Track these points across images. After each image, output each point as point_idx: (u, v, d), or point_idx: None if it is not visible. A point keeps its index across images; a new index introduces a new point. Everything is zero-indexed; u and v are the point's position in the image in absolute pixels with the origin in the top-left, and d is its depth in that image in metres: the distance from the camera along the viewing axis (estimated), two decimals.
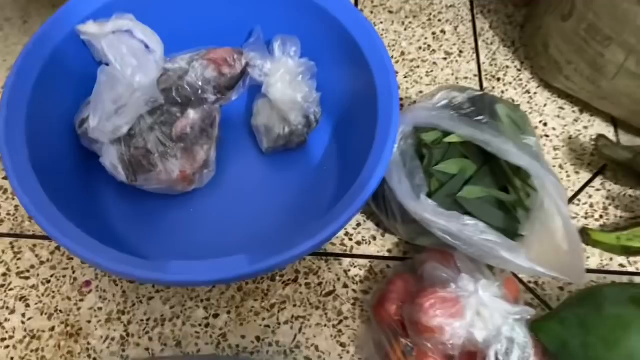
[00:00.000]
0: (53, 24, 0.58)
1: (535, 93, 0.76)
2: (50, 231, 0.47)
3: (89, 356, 0.57)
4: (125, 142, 0.60)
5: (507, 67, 0.78)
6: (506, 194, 0.54)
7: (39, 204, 0.48)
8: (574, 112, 0.74)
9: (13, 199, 0.66)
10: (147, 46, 0.60)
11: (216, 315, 0.60)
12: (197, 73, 0.63)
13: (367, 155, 0.53)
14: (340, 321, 0.60)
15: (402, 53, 0.79)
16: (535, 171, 0.50)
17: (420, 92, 0.76)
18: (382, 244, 0.65)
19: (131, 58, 0.57)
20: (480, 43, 0.80)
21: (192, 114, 0.63)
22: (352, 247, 0.64)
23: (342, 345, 0.59)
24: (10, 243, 0.63)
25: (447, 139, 0.53)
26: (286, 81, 0.65)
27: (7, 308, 0.59)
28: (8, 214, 0.65)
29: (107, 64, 0.59)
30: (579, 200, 0.68)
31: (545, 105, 0.75)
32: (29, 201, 0.48)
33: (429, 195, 0.53)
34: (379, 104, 0.55)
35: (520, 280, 0.63)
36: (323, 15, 0.62)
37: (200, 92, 0.63)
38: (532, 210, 0.53)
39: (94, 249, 0.46)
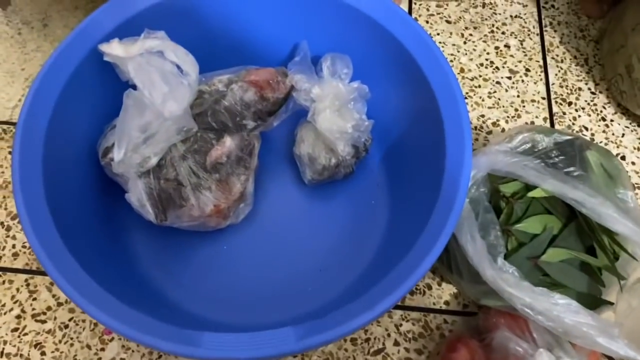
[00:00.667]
0: (73, 42, 0.51)
1: (611, 120, 0.67)
2: (68, 292, 0.41)
3: None
4: (154, 174, 0.53)
5: (580, 89, 0.69)
6: (594, 258, 0.46)
7: (53, 253, 0.42)
8: None
9: None
10: (179, 68, 0.53)
11: None
12: (236, 97, 0.56)
13: (433, 202, 0.45)
14: None
15: (462, 70, 0.70)
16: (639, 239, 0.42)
17: (482, 116, 0.67)
18: (438, 295, 0.57)
19: (162, 84, 0.50)
20: (549, 60, 0.71)
21: (229, 142, 0.56)
22: (404, 298, 0.57)
23: None
24: (26, 280, 0.57)
25: (532, 194, 0.46)
26: (335, 107, 0.57)
27: (21, 356, 0.54)
28: (23, 247, 0.59)
29: (133, 87, 0.52)
30: None
31: (623, 135, 0.66)
32: (42, 250, 0.42)
33: (506, 256, 0.45)
34: (446, 139, 0.48)
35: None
36: (378, 30, 0.55)
37: (238, 117, 0.56)
38: (627, 282, 0.45)
39: (116, 312, 0.40)
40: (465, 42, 0.73)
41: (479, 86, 0.70)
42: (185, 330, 0.41)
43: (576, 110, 0.68)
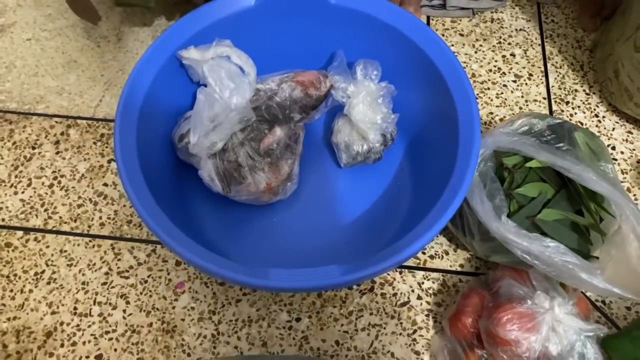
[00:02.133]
0: (157, 49, 0.62)
1: (603, 117, 0.78)
2: (171, 244, 0.51)
3: (184, 351, 0.62)
4: (220, 156, 0.65)
5: (576, 90, 0.81)
6: (582, 217, 0.57)
7: (155, 217, 0.53)
8: None
9: (112, 204, 0.72)
10: (242, 70, 0.65)
11: (298, 319, 0.64)
12: (286, 94, 0.68)
13: (449, 175, 0.56)
14: (415, 330, 0.64)
15: (473, 75, 0.82)
16: (615, 198, 0.53)
17: (491, 113, 0.79)
18: (454, 259, 0.68)
19: (229, 81, 0.63)
20: (549, 66, 0.83)
21: (279, 131, 0.68)
22: (425, 261, 0.68)
23: (417, 353, 0.63)
24: (111, 245, 0.69)
25: (529, 164, 0.57)
26: (367, 103, 0.69)
27: (110, 304, 0.65)
28: (108, 218, 0.71)
29: (205, 85, 0.64)
30: None
31: (613, 129, 0.77)
32: (147, 215, 0.52)
33: (509, 216, 0.56)
34: (460, 128, 0.58)
35: (589, 300, 0.65)
36: (403, 40, 0.66)
37: (287, 111, 0.68)
38: (608, 234, 0.56)
39: (207, 257, 0.51)
40: (476, 52, 0.85)
41: (488, 88, 0.81)
42: (255, 268, 0.52)
43: (573, 109, 0.79)
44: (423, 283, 0.67)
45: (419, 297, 0.66)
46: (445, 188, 0.55)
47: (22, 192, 0.73)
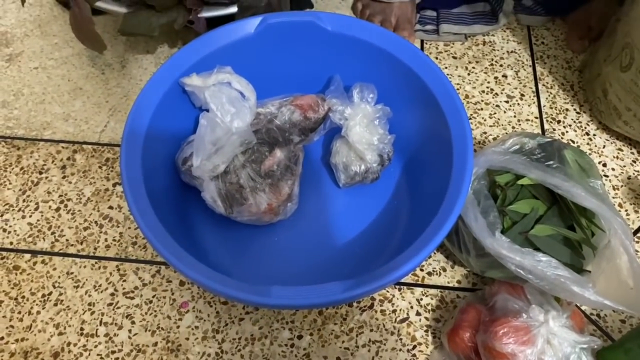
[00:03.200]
0: (160, 76, 0.65)
1: (594, 135, 0.81)
2: (177, 264, 0.53)
3: None
4: (222, 178, 0.67)
5: (567, 109, 0.83)
6: (573, 232, 0.59)
7: (160, 238, 0.54)
8: (632, 153, 0.79)
9: (117, 227, 0.74)
10: (242, 95, 0.67)
11: (300, 337, 0.66)
12: (285, 117, 0.70)
13: (443, 193, 0.58)
14: (414, 346, 0.65)
15: (466, 96, 0.85)
16: (603, 213, 0.55)
17: (484, 132, 0.81)
18: (451, 275, 0.70)
19: (230, 106, 0.65)
20: (540, 87, 0.86)
21: (279, 153, 0.70)
22: (423, 278, 0.70)
23: None
24: (117, 266, 0.71)
25: (520, 182, 0.59)
26: (364, 124, 0.71)
27: (116, 324, 0.67)
28: (114, 240, 0.73)
29: (207, 110, 0.66)
30: (639, 237, 0.72)
31: (604, 146, 0.79)
32: (153, 237, 0.54)
33: (502, 232, 0.58)
34: (453, 147, 0.60)
35: (584, 313, 0.67)
36: (397, 64, 0.69)
37: (287, 134, 0.70)
38: (598, 249, 0.58)
39: (211, 276, 0.53)
40: (469, 74, 0.88)
41: (482, 109, 0.84)
42: (257, 286, 0.53)
43: (564, 127, 0.81)
44: (422, 299, 0.68)
45: (418, 313, 0.67)
46: (440, 206, 0.57)
47: (30, 216, 0.75)
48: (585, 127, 0.81)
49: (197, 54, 0.68)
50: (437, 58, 0.89)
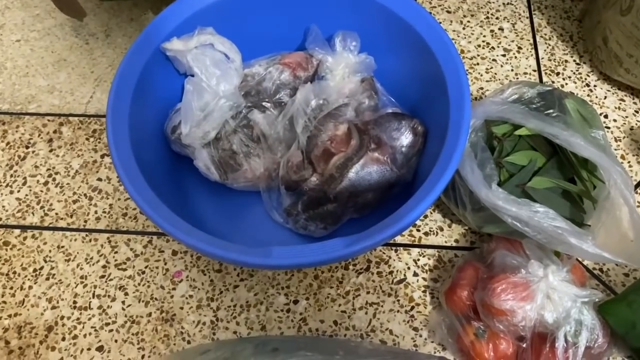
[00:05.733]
0: (141, 44, 0.62)
1: (595, 86, 0.78)
2: (174, 233, 0.51)
3: (184, 339, 0.63)
4: (214, 145, 0.65)
5: (566, 61, 0.80)
6: (573, 185, 0.57)
7: (153, 205, 0.53)
8: (634, 103, 0.76)
9: (107, 198, 0.72)
10: (227, 56, 0.65)
11: (296, 302, 0.64)
12: (274, 77, 0.68)
13: (441, 145, 0.56)
14: (412, 307, 0.64)
15: (462, 51, 0.82)
16: (603, 163, 0.53)
17: (481, 88, 0.78)
18: (449, 235, 0.68)
19: (214, 69, 0.63)
20: (538, 39, 0.82)
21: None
22: (420, 238, 0.68)
23: (415, 329, 0.63)
24: (108, 238, 0.69)
25: (518, 132, 0.56)
26: (346, 75, 0.68)
27: (109, 296, 0.66)
28: (104, 212, 0.71)
29: (192, 75, 0.64)
30: None
31: (605, 97, 0.77)
32: (145, 204, 0.52)
33: (499, 184, 0.56)
34: (450, 98, 0.58)
35: (586, 267, 0.65)
36: (383, 10, 0.66)
37: (276, 95, 0.68)
38: (599, 201, 0.56)
39: (209, 240, 0.51)
40: (464, 28, 0.84)
41: (478, 64, 0.81)
42: (258, 247, 0.51)
43: (563, 79, 0.79)
44: (419, 260, 0.67)
45: (415, 274, 0.66)
46: (437, 159, 0.55)
47: (18, 191, 0.73)
48: (586, 79, 0.78)
49: (178, 18, 0.65)
50: (430, 13, 0.86)
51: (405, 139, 0.64)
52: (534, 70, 0.79)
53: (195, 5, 0.66)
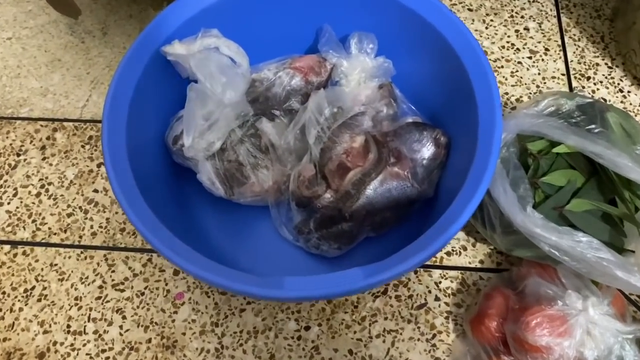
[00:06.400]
0: (139, 47, 0.57)
1: (628, 92, 0.72)
2: (174, 258, 0.46)
3: None
4: (219, 156, 0.60)
5: (597, 64, 0.74)
6: (615, 208, 0.51)
7: (151, 228, 0.48)
8: None
9: (104, 212, 0.67)
10: (233, 61, 0.59)
11: (307, 328, 0.60)
12: (284, 83, 0.62)
13: (469, 159, 0.51)
14: (434, 335, 0.59)
15: (485, 53, 0.76)
16: None
17: (506, 93, 0.73)
18: (473, 255, 0.63)
19: (220, 75, 0.57)
20: (567, 39, 0.77)
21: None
22: (441, 258, 0.63)
23: (437, 359, 0.58)
24: (104, 255, 0.64)
25: (556, 150, 0.51)
26: (362, 80, 0.63)
27: (105, 320, 0.61)
28: (100, 227, 0.66)
29: (195, 81, 0.59)
30: None
31: None
32: (143, 226, 0.48)
33: (534, 206, 0.51)
34: (478, 109, 0.52)
35: (623, 294, 0.60)
36: (405, 12, 0.60)
37: (287, 102, 0.62)
38: None
39: (213, 269, 0.46)
40: (487, 28, 0.79)
41: (502, 67, 0.75)
42: (268, 277, 0.46)
43: (594, 84, 0.73)
44: (440, 282, 0.62)
45: (437, 298, 0.61)
46: (466, 175, 0.50)
47: (8, 203, 0.68)
48: (619, 83, 0.73)
49: (180, 18, 0.60)
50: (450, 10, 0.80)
51: (426, 151, 0.59)
52: (563, 74, 0.74)
53: (199, 4, 0.60)
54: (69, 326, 0.60)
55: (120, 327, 0.60)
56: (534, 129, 0.51)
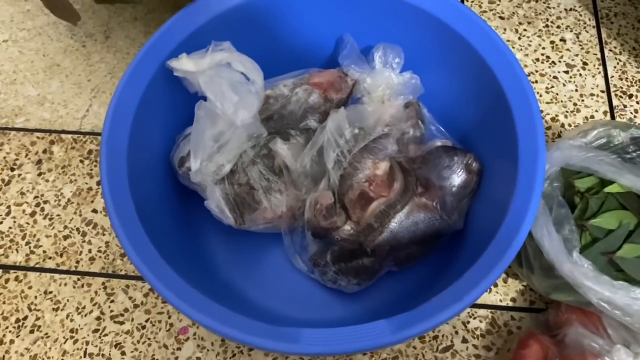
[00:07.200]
0: (143, 59, 0.52)
1: None
2: (173, 301, 0.42)
3: None
4: (228, 180, 0.55)
5: None
6: None
7: (151, 263, 0.43)
8: None
9: (103, 235, 0.62)
10: (246, 77, 0.54)
11: None
12: (301, 100, 0.57)
13: (509, 193, 0.45)
14: None
15: None
16: None
17: (541, 111, 0.67)
18: (504, 292, 0.58)
19: (231, 93, 0.52)
20: (607, 53, 0.71)
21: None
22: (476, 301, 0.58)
23: None
24: (103, 283, 0.60)
25: (608, 189, 0.45)
26: (387, 97, 0.58)
27: (103, 355, 0.56)
28: (99, 251, 0.61)
29: (204, 98, 0.53)
30: None
31: None
32: (141, 263, 0.43)
33: (580, 251, 0.45)
34: (518, 137, 0.47)
35: None
36: (437, 25, 0.55)
37: (303, 120, 0.57)
38: None
39: (220, 316, 0.41)
40: (519, 38, 0.73)
41: (536, 81, 0.69)
42: (283, 328, 0.41)
43: (637, 103, 0.67)
44: (468, 322, 0.56)
45: (464, 340, 0.56)
46: (507, 211, 0.44)
47: (1, 223, 0.63)
48: None
49: (188, 27, 0.55)
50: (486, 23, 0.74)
51: (457, 178, 0.53)
52: (602, 91, 0.68)
53: (210, 11, 0.55)
54: None
55: None
56: (583, 164, 0.46)
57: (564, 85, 0.69)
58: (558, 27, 0.73)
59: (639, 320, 0.43)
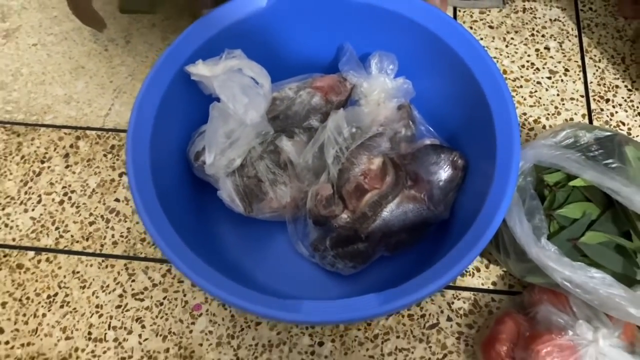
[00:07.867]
0: (163, 65, 0.58)
1: None
2: (194, 278, 0.48)
3: None
4: (239, 173, 0.61)
5: (617, 86, 0.74)
6: (629, 241, 0.52)
7: (174, 246, 0.49)
8: None
9: (125, 221, 0.69)
10: (255, 81, 0.60)
11: (321, 344, 0.61)
12: (304, 102, 0.63)
13: (486, 184, 0.51)
14: (445, 355, 0.60)
15: (504, 71, 0.76)
16: None
17: (524, 113, 0.73)
18: (486, 276, 0.64)
19: (242, 96, 0.58)
20: (587, 60, 0.77)
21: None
22: (455, 279, 0.64)
23: None
24: (125, 265, 0.66)
25: (573, 183, 0.52)
26: (381, 101, 0.64)
27: (125, 328, 0.63)
28: (121, 236, 0.68)
29: (217, 100, 0.60)
30: None
31: None
32: (166, 246, 0.49)
33: (548, 237, 0.51)
34: (496, 136, 0.53)
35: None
36: (427, 36, 0.61)
37: (306, 120, 0.63)
38: None
39: (232, 290, 0.47)
40: (507, 46, 0.79)
41: (521, 86, 0.75)
42: (286, 300, 0.47)
43: (613, 107, 0.73)
44: (453, 303, 0.63)
45: (449, 319, 0.62)
46: (484, 202, 0.50)
47: (32, 210, 0.70)
48: (638, 106, 0.73)
49: (203, 36, 0.61)
50: (471, 28, 0.80)
51: (443, 173, 0.59)
52: (582, 96, 0.74)
53: (223, 21, 0.61)
54: (90, 333, 0.62)
55: (140, 335, 0.62)
56: (552, 160, 0.52)
57: (547, 90, 0.75)
58: (543, 36, 0.79)
59: (597, 297, 0.49)
